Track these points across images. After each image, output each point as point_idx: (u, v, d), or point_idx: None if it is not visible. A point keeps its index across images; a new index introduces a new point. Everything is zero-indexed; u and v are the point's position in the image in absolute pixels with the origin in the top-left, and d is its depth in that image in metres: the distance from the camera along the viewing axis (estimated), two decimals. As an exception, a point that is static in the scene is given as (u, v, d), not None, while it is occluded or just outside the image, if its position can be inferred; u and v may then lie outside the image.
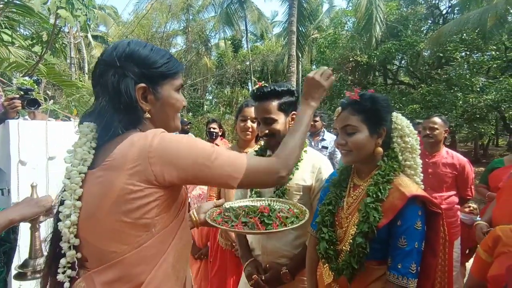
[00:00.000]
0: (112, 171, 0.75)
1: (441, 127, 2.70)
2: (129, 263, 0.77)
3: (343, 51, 11.51)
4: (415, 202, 1.07)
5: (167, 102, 0.86)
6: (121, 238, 0.76)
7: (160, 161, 0.74)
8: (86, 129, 0.82)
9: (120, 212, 0.74)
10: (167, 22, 15.10)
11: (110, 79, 0.79)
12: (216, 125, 4.04)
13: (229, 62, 17.58)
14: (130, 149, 0.75)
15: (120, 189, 0.73)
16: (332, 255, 1.18)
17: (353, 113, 1.16)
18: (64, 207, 0.78)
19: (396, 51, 10.22)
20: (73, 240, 0.78)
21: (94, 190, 0.77)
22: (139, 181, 0.73)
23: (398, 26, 10.69)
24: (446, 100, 8.39)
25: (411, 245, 1.04)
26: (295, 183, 1.46)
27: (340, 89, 11.49)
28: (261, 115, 1.47)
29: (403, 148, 1.20)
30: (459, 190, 2.71)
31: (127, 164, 0.73)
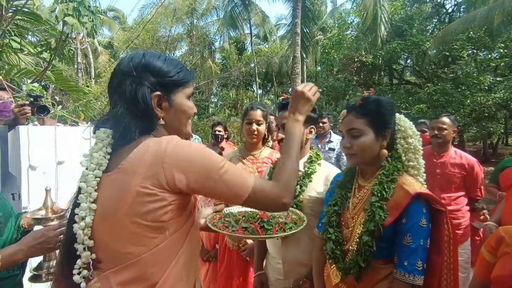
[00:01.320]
0: (127, 174, 0.78)
1: (450, 127, 2.67)
2: (145, 264, 0.80)
3: (348, 52, 11.48)
4: (419, 200, 1.09)
5: (180, 109, 0.91)
6: (137, 240, 0.79)
7: (173, 167, 0.78)
8: (103, 135, 0.86)
9: (136, 215, 0.77)
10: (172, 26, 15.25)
11: (128, 88, 0.84)
12: (221, 127, 4.05)
13: (233, 64, 17.65)
14: (145, 154, 0.78)
15: (136, 192, 0.76)
16: (339, 255, 1.19)
17: (358, 117, 1.18)
18: (80, 209, 0.81)
19: (401, 50, 10.16)
20: (87, 241, 0.81)
21: (110, 193, 0.80)
22: (152, 185, 0.76)
23: (403, 26, 10.62)
24: (453, 99, 8.30)
25: (417, 242, 1.05)
26: (308, 195, 1.50)
27: (345, 90, 11.46)
28: (281, 122, 1.56)
29: (406, 149, 1.22)
30: (468, 191, 2.67)
31: (142, 168, 0.77)
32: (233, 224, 1.35)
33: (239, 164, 2.03)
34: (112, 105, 0.88)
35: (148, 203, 0.77)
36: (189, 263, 0.88)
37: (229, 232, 1.27)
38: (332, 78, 13.07)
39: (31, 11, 4.27)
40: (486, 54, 9.11)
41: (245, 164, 2.02)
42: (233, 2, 12.37)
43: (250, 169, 2.00)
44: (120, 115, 0.84)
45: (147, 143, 0.81)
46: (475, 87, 8.17)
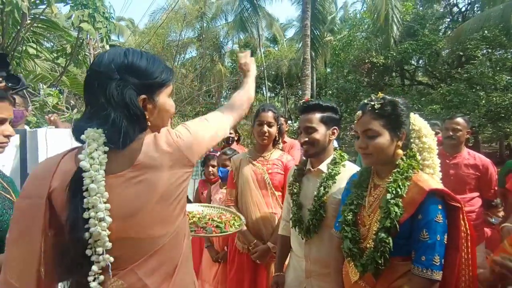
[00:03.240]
0: (150, 169, 0.84)
1: (464, 128, 2.62)
2: (167, 249, 0.87)
3: (358, 53, 11.39)
4: (434, 195, 1.09)
5: (163, 109, 0.92)
6: (167, 220, 0.87)
7: (189, 146, 0.90)
8: (95, 134, 0.83)
9: (168, 199, 0.85)
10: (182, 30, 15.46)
11: (115, 92, 0.82)
12: (232, 130, 4.07)
13: (243, 67, 17.73)
14: (159, 149, 0.86)
15: (168, 180, 0.85)
16: (356, 252, 1.20)
17: (374, 118, 1.18)
18: (96, 211, 0.79)
19: (413, 51, 10.02)
20: (107, 243, 0.81)
21: (131, 190, 0.83)
22: (180, 168, 0.88)
23: (414, 26, 10.47)
24: (467, 100, 8.12)
25: (433, 238, 1.06)
26: (333, 196, 1.50)
27: (355, 91, 11.36)
28: (303, 124, 1.58)
29: (421, 148, 1.23)
30: (483, 192, 2.61)
31: (164, 160, 0.85)
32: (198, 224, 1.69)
33: (249, 165, 2.04)
34: (95, 107, 0.85)
35: (179, 185, 0.87)
36: (189, 243, 0.98)
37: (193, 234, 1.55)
38: (342, 80, 12.98)
39: (48, 19, 4.42)
40: (502, 53, 8.88)
41: (255, 166, 2.02)
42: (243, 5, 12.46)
43: (260, 171, 2.00)
44: (113, 119, 0.82)
45: (152, 140, 0.88)
46: (490, 87, 7.99)
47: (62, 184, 0.82)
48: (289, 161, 2.06)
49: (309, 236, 1.50)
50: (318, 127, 1.54)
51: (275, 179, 1.99)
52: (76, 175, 0.81)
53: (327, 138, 1.56)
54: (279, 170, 2.03)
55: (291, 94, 19.75)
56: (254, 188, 1.98)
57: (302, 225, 1.54)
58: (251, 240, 1.94)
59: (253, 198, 1.98)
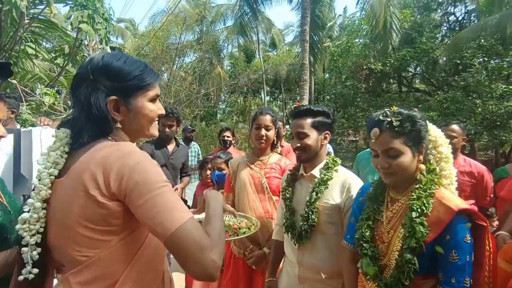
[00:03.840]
0: (75, 180, 0.78)
1: (460, 135, 2.63)
2: (104, 263, 0.79)
3: (357, 59, 11.46)
4: (462, 215, 1.06)
5: (140, 113, 0.90)
6: (91, 244, 0.78)
7: (111, 172, 0.75)
8: (62, 134, 0.86)
9: (86, 220, 0.77)
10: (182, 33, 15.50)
11: (83, 92, 0.84)
12: (229, 133, 4.06)
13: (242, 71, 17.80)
14: (91, 160, 0.78)
15: (83, 198, 0.76)
16: (377, 271, 1.16)
17: (394, 136, 1.13)
18: (27, 206, 0.80)
19: (411, 58, 10.08)
20: (27, 238, 0.80)
21: (62, 198, 0.80)
22: (96, 189, 0.75)
23: (412, 33, 10.57)
24: (464, 107, 8.17)
25: (463, 259, 1.03)
26: (325, 201, 1.49)
27: (353, 97, 11.40)
28: (295, 129, 1.57)
29: (438, 159, 1.20)
30: (478, 199, 2.61)
31: (87, 174, 0.76)
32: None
33: (246, 169, 2.02)
34: (74, 108, 0.89)
35: (96, 208, 0.76)
36: (155, 256, 0.87)
37: None
38: (340, 85, 13.03)
39: (47, 19, 4.41)
40: (498, 62, 8.97)
41: (252, 170, 2.01)
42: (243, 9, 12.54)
43: (258, 174, 1.99)
44: (75, 118, 0.86)
45: (97, 149, 0.81)
46: (486, 95, 8.04)
47: None
48: (288, 165, 2.05)
49: (302, 242, 1.49)
50: (310, 133, 1.53)
51: (273, 183, 1.98)
52: None
53: (319, 143, 1.56)
54: (277, 174, 2.01)
55: (289, 98, 19.80)
56: (251, 192, 1.97)
57: (295, 231, 1.53)
58: (247, 245, 1.92)
59: (250, 202, 1.96)
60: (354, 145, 14.00)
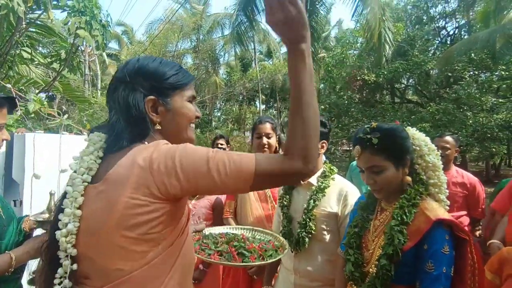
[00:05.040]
0: (116, 185, 0.73)
1: (453, 146, 2.67)
2: (136, 282, 0.74)
3: (351, 70, 11.65)
4: (441, 225, 1.06)
5: (178, 113, 0.86)
6: (126, 255, 0.73)
7: (162, 172, 0.71)
8: (96, 138, 0.83)
9: (126, 228, 0.72)
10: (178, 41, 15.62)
11: (121, 94, 0.82)
12: (223, 141, 4.04)
13: (237, 80, 17.92)
14: (133, 163, 0.73)
15: (125, 204, 0.71)
16: (358, 277, 1.18)
17: (375, 153, 1.15)
18: (64, 215, 0.76)
19: (403, 70, 10.30)
20: (70, 249, 0.75)
21: (97, 205, 0.75)
22: (143, 195, 0.71)
23: (405, 46, 10.82)
24: (455, 119, 8.33)
25: (439, 269, 1.03)
26: (322, 209, 1.50)
27: (347, 107, 11.54)
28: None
29: (424, 167, 1.20)
30: (470, 211, 2.64)
31: (131, 178, 0.71)
32: (211, 247, 1.34)
33: None
34: (111, 112, 0.86)
35: (139, 215, 0.71)
36: (185, 280, 0.84)
37: (204, 256, 1.26)
38: (334, 95, 13.19)
39: (44, 24, 4.41)
40: (488, 75, 9.21)
41: None
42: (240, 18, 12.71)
43: None
44: (113, 122, 0.82)
45: (135, 151, 0.76)
46: (477, 108, 8.22)
47: None
48: None
49: (299, 249, 1.50)
50: None
51: (276, 193, 1.98)
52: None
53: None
54: None
55: (284, 107, 19.95)
56: (255, 200, 1.96)
57: (292, 238, 1.53)
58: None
59: (253, 211, 1.96)
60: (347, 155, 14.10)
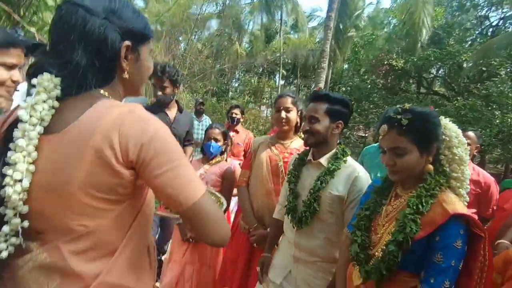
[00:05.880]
0: (81, 143, 0.67)
1: (473, 143, 2.57)
2: (102, 232, 0.73)
3: (379, 53, 11.15)
4: (458, 220, 1.03)
5: (144, 64, 0.83)
6: (93, 213, 0.71)
7: (130, 136, 0.68)
8: (48, 84, 0.70)
9: (94, 188, 0.69)
10: (204, 3, 15.17)
11: (96, 30, 0.71)
12: (238, 110, 4.03)
13: (260, 51, 17.49)
14: (104, 117, 0.68)
15: (95, 164, 0.67)
16: (362, 258, 1.17)
17: (401, 134, 1.10)
18: (15, 170, 0.67)
19: (435, 59, 9.76)
20: (21, 207, 0.69)
21: (57, 159, 0.69)
22: (114, 156, 0.68)
23: (441, 33, 10.17)
24: (482, 117, 7.97)
25: (448, 262, 1.01)
26: (329, 191, 1.48)
27: (369, 92, 11.20)
28: (308, 113, 1.56)
29: (450, 160, 1.15)
30: (480, 209, 2.58)
31: (99, 133, 0.67)
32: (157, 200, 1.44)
33: (267, 150, 2.01)
34: (63, 46, 0.72)
35: (107, 175, 0.68)
36: (145, 227, 0.84)
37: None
38: (358, 78, 12.76)
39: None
40: (525, 74, 8.64)
41: (272, 152, 1.99)
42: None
43: (276, 157, 1.97)
44: (76, 60, 0.71)
45: (107, 107, 0.70)
46: (507, 108, 7.80)
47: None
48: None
49: (301, 227, 1.51)
50: (322, 119, 1.51)
51: None
52: (13, 125, 0.70)
53: (329, 131, 1.53)
54: None
55: (304, 85, 19.52)
56: (266, 173, 1.97)
57: (295, 215, 1.54)
58: (253, 222, 1.95)
59: (263, 183, 1.97)
60: (362, 141, 13.87)
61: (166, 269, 2.24)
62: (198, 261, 2.19)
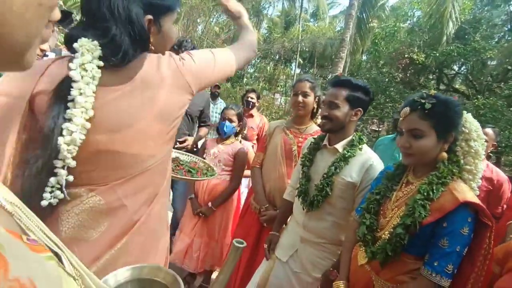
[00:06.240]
0: (149, 86, 0.82)
1: (491, 140, 2.54)
2: (153, 173, 0.86)
3: (399, 46, 10.81)
4: (466, 208, 1.05)
5: (167, 35, 0.89)
6: (162, 142, 0.86)
7: (190, 73, 0.88)
8: (91, 45, 0.76)
9: (167, 122, 0.85)
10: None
11: (120, 4, 0.77)
12: (254, 95, 4.02)
13: (278, 37, 17.20)
14: (161, 68, 0.84)
15: (165, 101, 0.83)
16: (369, 239, 1.21)
17: (423, 117, 1.12)
18: (72, 124, 0.73)
19: (458, 55, 9.42)
20: (69, 160, 0.74)
21: (124, 104, 0.79)
22: (178, 91, 0.86)
23: (467, 28, 9.77)
24: (502, 118, 7.72)
25: (452, 247, 1.04)
26: (342, 177, 1.49)
27: (387, 85, 10.94)
28: (328, 98, 1.54)
29: (466, 152, 1.17)
30: (490, 206, 2.56)
31: (165, 80, 0.83)
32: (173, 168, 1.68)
33: (281, 133, 2.04)
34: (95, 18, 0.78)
35: (178, 109, 0.87)
36: (169, 187, 0.99)
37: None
38: (376, 71, 12.47)
39: None
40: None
41: (287, 136, 2.02)
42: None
43: (291, 141, 2.00)
44: (114, 34, 0.78)
45: (156, 58, 0.86)
46: (529, 110, 7.53)
47: (48, 88, 0.76)
48: None
49: (311, 209, 1.54)
50: (341, 105, 1.50)
51: None
52: (65, 82, 0.75)
53: (348, 118, 1.52)
54: None
55: (320, 75, 19.19)
56: (280, 156, 2.00)
57: (307, 198, 1.57)
58: (264, 203, 2.01)
59: (276, 166, 2.00)
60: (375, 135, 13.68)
61: (177, 239, 2.36)
62: (206, 235, 2.29)
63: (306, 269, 1.56)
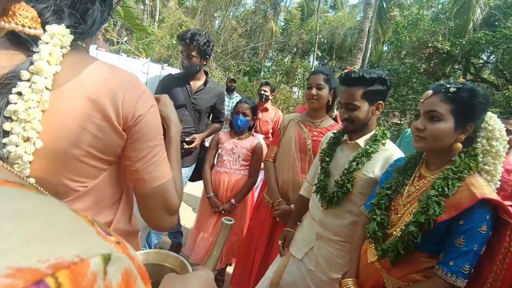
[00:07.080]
0: (88, 103, 0.64)
1: (520, 131, 2.39)
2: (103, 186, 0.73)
3: (423, 35, 10.35)
4: (485, 205, 0.99)
5: None
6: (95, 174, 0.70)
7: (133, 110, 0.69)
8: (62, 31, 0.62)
9: (99, 150, 0.68)
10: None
11: None
12: (268, 88, 3.98)
13: (295, 30, 16.95)
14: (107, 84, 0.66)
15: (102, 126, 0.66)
16: (380, 236, 1.16)
17: (444, 101, 1.06)
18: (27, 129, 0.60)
19: (487, 43, 8.90)
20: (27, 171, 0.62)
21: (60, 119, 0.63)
22: (117, 118, 0.67)
23: (497, 14, 9.20)
24: (534, 109, 7.27)
25: (470, 246, 0.98)
26: (363, 173, 1.45)
27: (409, 77, 10.54)
28: (344, 100, 1.47)
29: (486, 151, 1.10)
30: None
31: (106, 100, 0.65)
32: None
33: (296, 127, 2.01)
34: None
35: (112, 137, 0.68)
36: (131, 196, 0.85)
37: None
38: (397, 62, 12.04)
39: None
40: None
41: (301, 129, 1.99)
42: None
43: (305, 135, 1.97)
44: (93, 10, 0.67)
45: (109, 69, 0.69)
46: None
47: None
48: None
49: (330, 206, 1.50)
50: (361, 104, 1.43)
51: (318, 147, 1.91)
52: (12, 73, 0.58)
53: (369, 114, 1.46)
54: None
55: (339, 67, 18.77)
56: (294, 150, 1.98)
57: (325, 194, 1.53)
58: (277, 197, 1.99)
59: (290, 159, 1.98)
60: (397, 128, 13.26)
61: (192, 237, 2.35)
62: None
63: (321, 267, 1.53)
